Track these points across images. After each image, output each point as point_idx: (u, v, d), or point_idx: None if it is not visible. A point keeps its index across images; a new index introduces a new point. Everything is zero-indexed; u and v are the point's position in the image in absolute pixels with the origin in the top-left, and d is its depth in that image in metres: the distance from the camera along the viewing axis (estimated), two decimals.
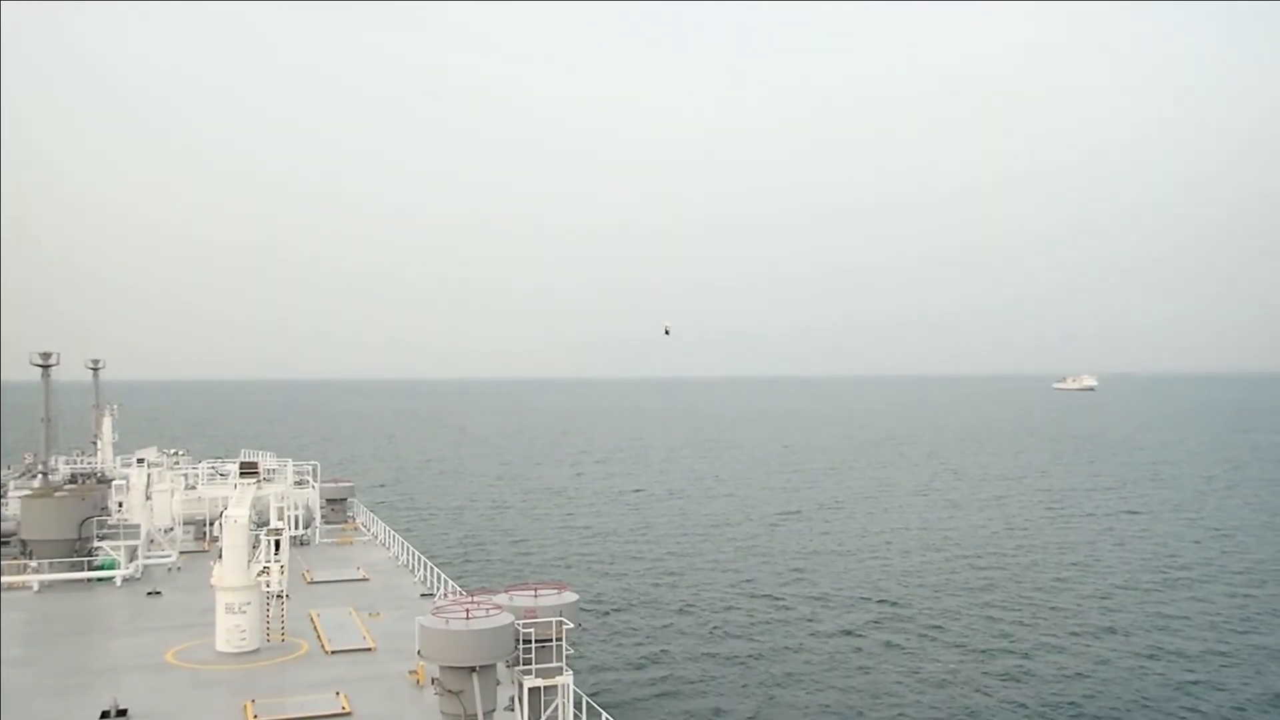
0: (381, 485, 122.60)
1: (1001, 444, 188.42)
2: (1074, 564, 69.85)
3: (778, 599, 59.60)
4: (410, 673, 30.13)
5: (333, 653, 32.61)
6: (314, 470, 58.71)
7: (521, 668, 26.29)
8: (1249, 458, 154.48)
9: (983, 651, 48.31)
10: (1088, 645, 49.55)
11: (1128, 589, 62.28)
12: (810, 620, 54.48)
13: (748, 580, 64.94)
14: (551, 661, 26.63)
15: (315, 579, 44.83)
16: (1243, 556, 72.97)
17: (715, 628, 53.03)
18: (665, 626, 53.52)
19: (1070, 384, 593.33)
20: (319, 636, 34.35)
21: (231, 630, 32.39)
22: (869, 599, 59.38)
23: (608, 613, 56.63)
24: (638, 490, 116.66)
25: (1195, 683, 43.79)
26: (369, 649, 33.04)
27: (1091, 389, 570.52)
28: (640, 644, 50.10)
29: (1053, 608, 57.29)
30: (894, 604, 58.11)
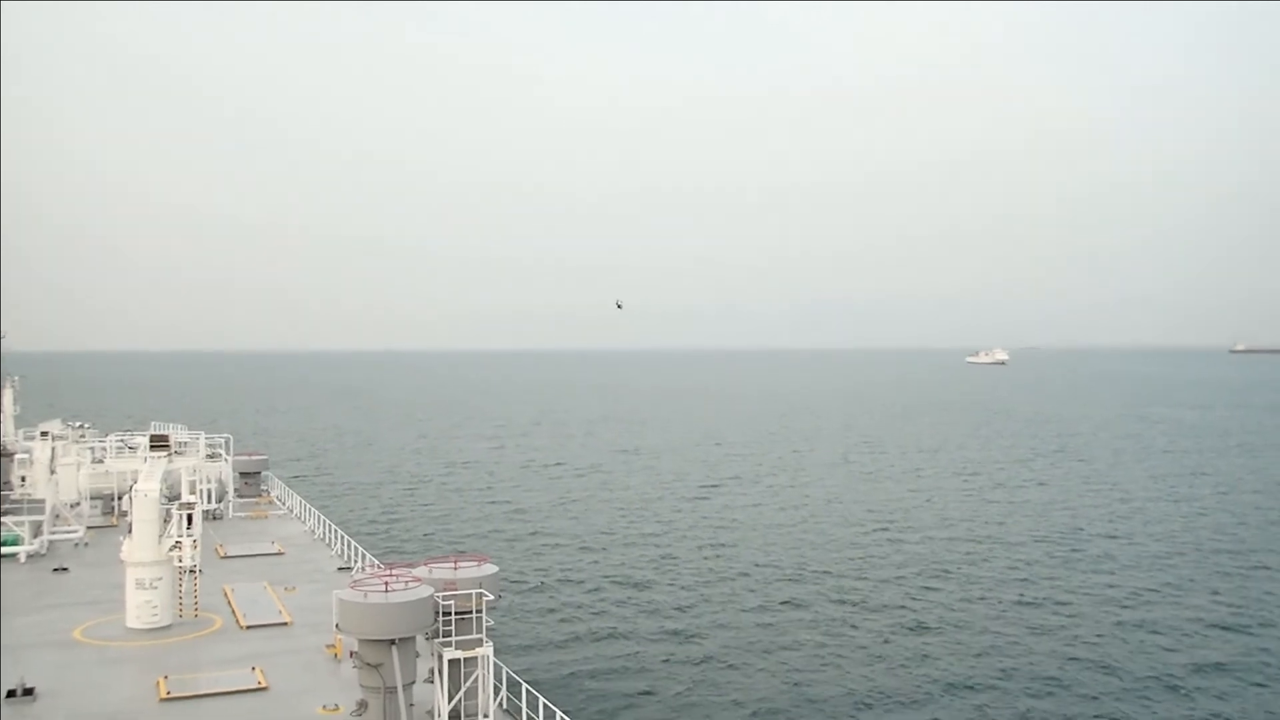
0: (298, 459, 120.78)
1: (919, 417, 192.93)
2: (989, 536, 72.13)
3: (701, 573, 60.39)
4: (328, 647, 30.06)
5: (248, 628, 32.34)
6: (227, 443, 57.70)
7: (441, 640, 26.46)
8: (1150, 430, 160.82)
9: (907, 626, 49.36)
10: (1007, 618, 51.41)
11: (1041, 561, 64.63)
12: (733, 594, 55.26)
13: (671, 555, 65.70)
14: (471, 633, 26.86)
15: (229, 554, 44.24)
16: (1152, 528, 76.25)
17: (640, 603, 53.56)
18: (589, 601, 53.97)
19: (983, 358, 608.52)
20: (233, 612, 34.01)
21: (142, 606, 31.90)
22: (791, 573, 60.46)
23: (531, 587, 56.90)
24: (559, 464, 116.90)
25: (1105, 656, 45.79)
26: (285, 623, 32.83)
27: (1003, 363, 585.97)
28: (564, 619, 50.43)
29: (970, 580, 59.24)
30: (816, 578, 59.30)
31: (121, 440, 54.25)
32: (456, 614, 26.82)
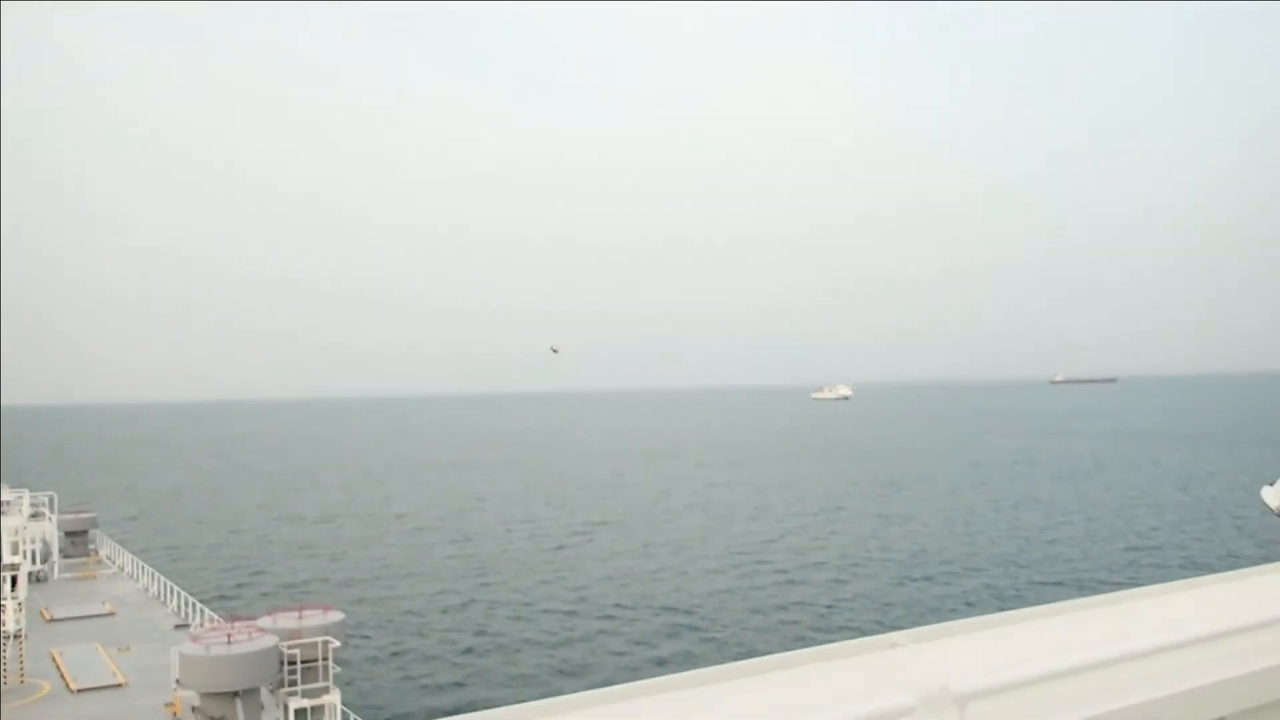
0: (132, 517, 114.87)
1: (767, 453, 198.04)
2: (852, 566, 74.77)
3: (565, 618, 60.41)
4: (166, 705, 29.14)
5: (79, 691, 31.00)
6: (51, 501, 54.96)
7: (287, 689, 26.15)
8: (985, 459, 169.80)
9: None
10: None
11: (900, 586, 67.56)
12: (599, 635, 55.39)
13: (532, 601, 65.50)
14: (318, 681, 26.64)
15: (55, 616, 42.11)
16: (993, 550, 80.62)
17: (496, 650, 53.32)
18: (443, 649, 53.46)
19: (828, 393, 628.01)
20: (62, 676, 32.52)
21: None
22: (653, 613, 61.03)
23: (384, 637, 55.94)
24: (409, 512, 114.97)
25: None
26: (119, 684, 31.62)
27: (847, 398, 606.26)
28: (417, 668, 49.86)
29: (831, 608, 61.40)
30: (680, 614, 59.91)
31: None
32: (302, 663, 26.60)
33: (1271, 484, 7.88)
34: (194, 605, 42.31)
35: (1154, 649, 5.39)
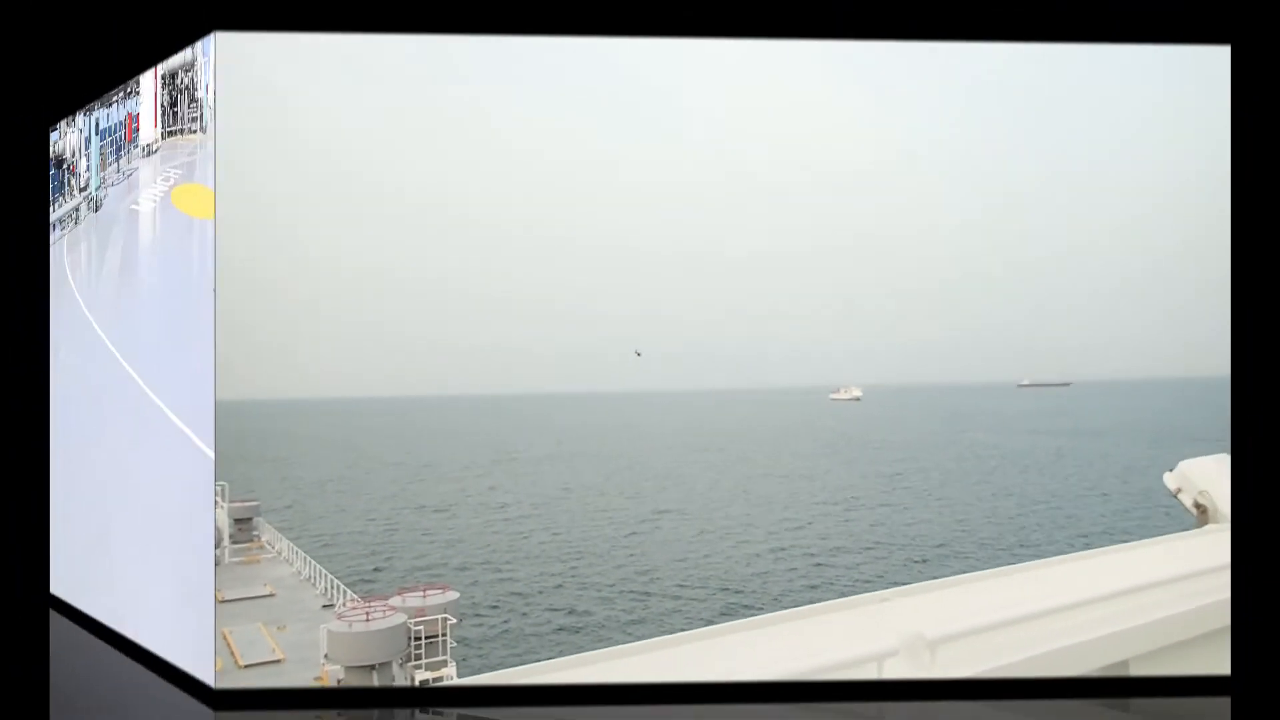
0: (288, 505, 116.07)
1: (795, 447, 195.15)
2: (864, 550, 72.54)
3: (639, 598, 59.03)
4: (315, 678, 28.44)
5: (245, 667, 30.51)
6: (223, 490, 55.12)
7: (412, 663, 25.32)
8: (967, 454, 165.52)
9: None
10: None
11: (904, 568, 65.33)
12: (668, 614, 54.06)
13: (612, 584, 64.33)
14: (438, 655, 25.79)
15: (226, 598, 41.87)
16: (977, 536, 77.91)
17: (588, 625, 52.21)
18: (546, 627, 52.47)
19: (842, 394, 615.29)
20: (232, 652, 32.04)
21: None
22: (708, 594, 59.24)
23: (498, 619, 55.16)
24: (510, 502, 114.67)
25: None
26: (278, 660, 31.03)
27: (858, 399, 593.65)
28: (527, 649, 48.86)
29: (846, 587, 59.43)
30: (731, 594, 58.14)
31: None
32: (426, 638, 25.79)
33: (1171, 470, 8.00)
34: (338, 587, 41.83)
35: (1078, 603, 6.09)
